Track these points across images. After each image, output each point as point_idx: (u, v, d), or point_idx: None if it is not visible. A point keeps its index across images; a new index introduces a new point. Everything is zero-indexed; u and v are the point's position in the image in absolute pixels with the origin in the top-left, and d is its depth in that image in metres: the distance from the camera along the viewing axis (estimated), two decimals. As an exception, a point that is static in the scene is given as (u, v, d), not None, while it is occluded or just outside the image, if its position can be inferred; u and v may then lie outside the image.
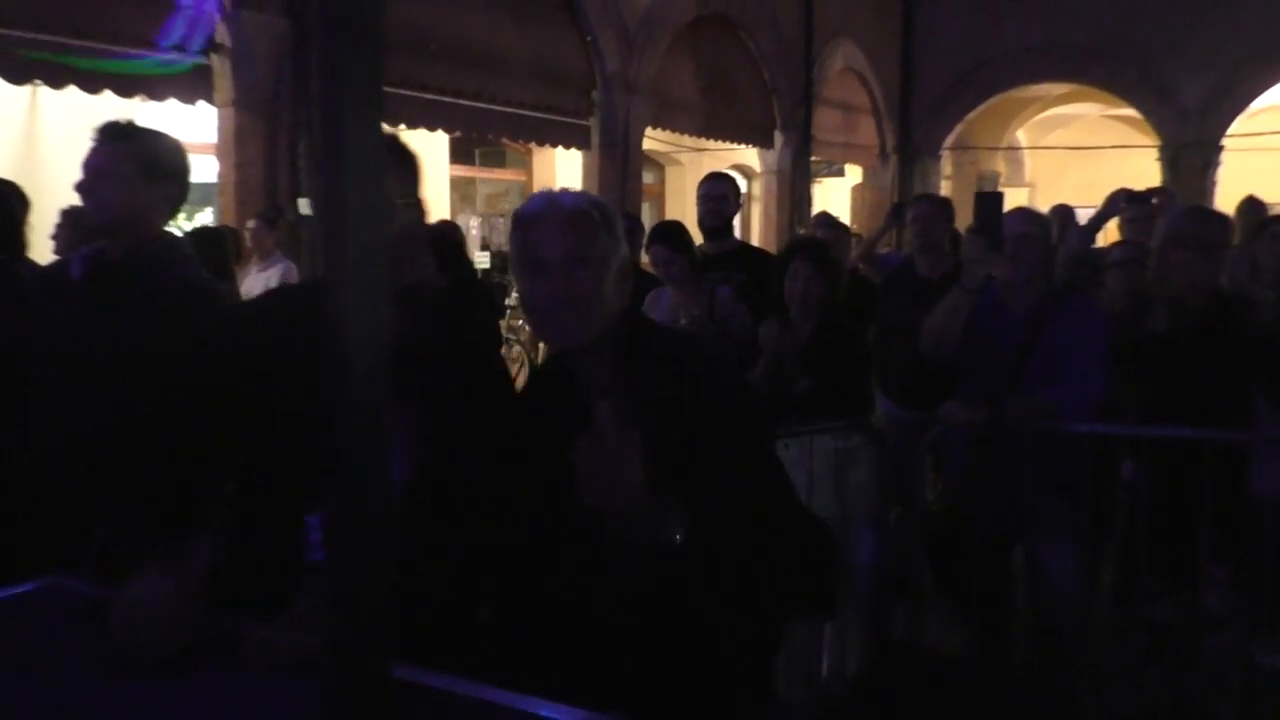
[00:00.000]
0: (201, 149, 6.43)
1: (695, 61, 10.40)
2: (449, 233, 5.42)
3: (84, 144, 2.32)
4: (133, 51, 5.71)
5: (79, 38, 5.51)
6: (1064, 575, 2.80)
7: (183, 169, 2.43)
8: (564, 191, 1.71)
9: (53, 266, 2.62)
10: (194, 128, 6.60)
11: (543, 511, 1.64)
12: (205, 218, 8.17)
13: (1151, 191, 4.20)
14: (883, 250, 6.16)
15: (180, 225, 9.33)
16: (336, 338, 0.77)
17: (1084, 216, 14.83)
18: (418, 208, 1.76)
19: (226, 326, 1.97)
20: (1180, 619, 3.13)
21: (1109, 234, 4.93)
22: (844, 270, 4.04)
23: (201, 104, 6.30)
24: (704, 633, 1.55)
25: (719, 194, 4.66)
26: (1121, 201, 4.24)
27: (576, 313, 1.58)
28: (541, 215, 1.64)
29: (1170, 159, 12.28)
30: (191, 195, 8.66)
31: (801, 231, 10.04)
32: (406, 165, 1.73)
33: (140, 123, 2.40)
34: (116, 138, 2.34)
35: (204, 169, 6.80)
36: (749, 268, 4.30)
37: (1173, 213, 3.29)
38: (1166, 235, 3.15)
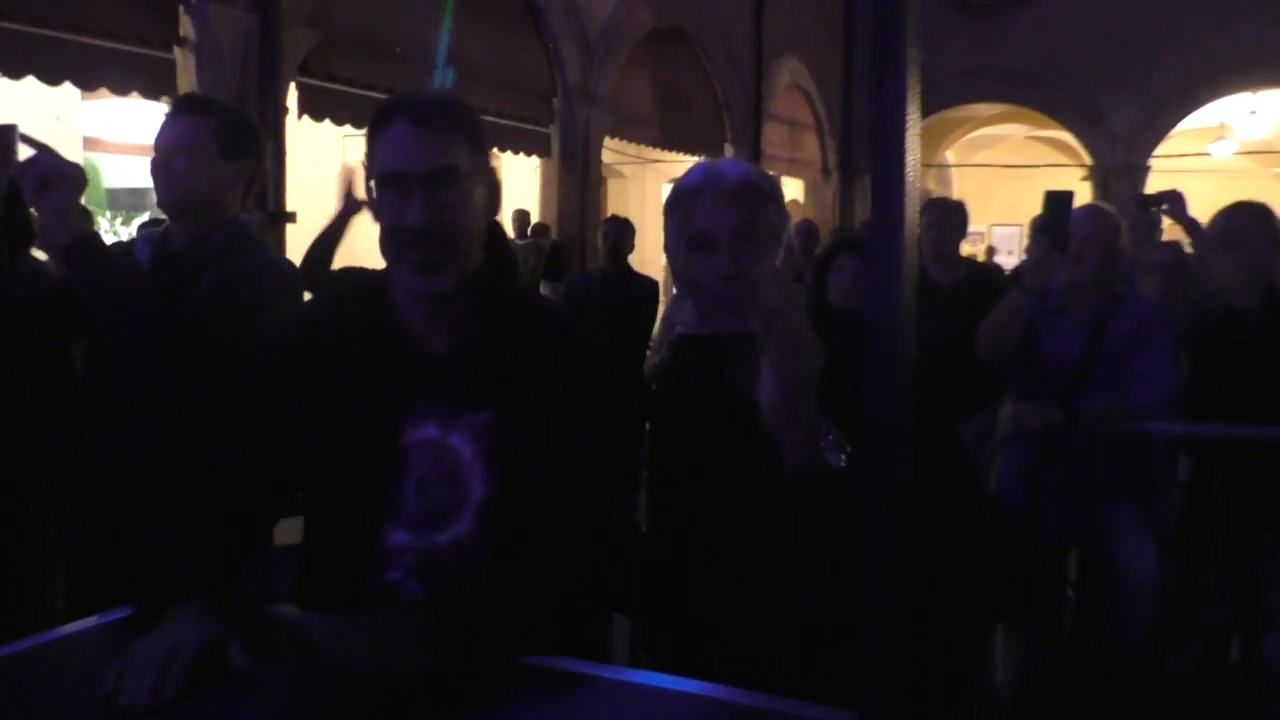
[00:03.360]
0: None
1: (652, 74, 10.38)
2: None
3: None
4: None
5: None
6: (1150, 578, 2.78)
7: (259, 146, 2.25)
8: (726, 160, 1.55)
9: (121, 248, 2.38)
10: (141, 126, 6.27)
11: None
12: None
13: (1162, 195, 4.24)
14: None
15: (117, 230, 8.88)
16: (882, 363, 0.75)
17: (1007, 235, 15.14)
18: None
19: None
20: (1238, 620, 3.14)
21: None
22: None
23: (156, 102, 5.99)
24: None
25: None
26: (1132, 205, 4.27)
27: (750, 293, 1.38)
28: (705, 187, 1.46)
29: (1101, 180, 12.74)
30: (134, 199, 8.30)
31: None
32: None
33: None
34: (193, 110, 2.14)
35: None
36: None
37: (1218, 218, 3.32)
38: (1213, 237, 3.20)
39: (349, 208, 3.19)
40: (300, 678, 1.15)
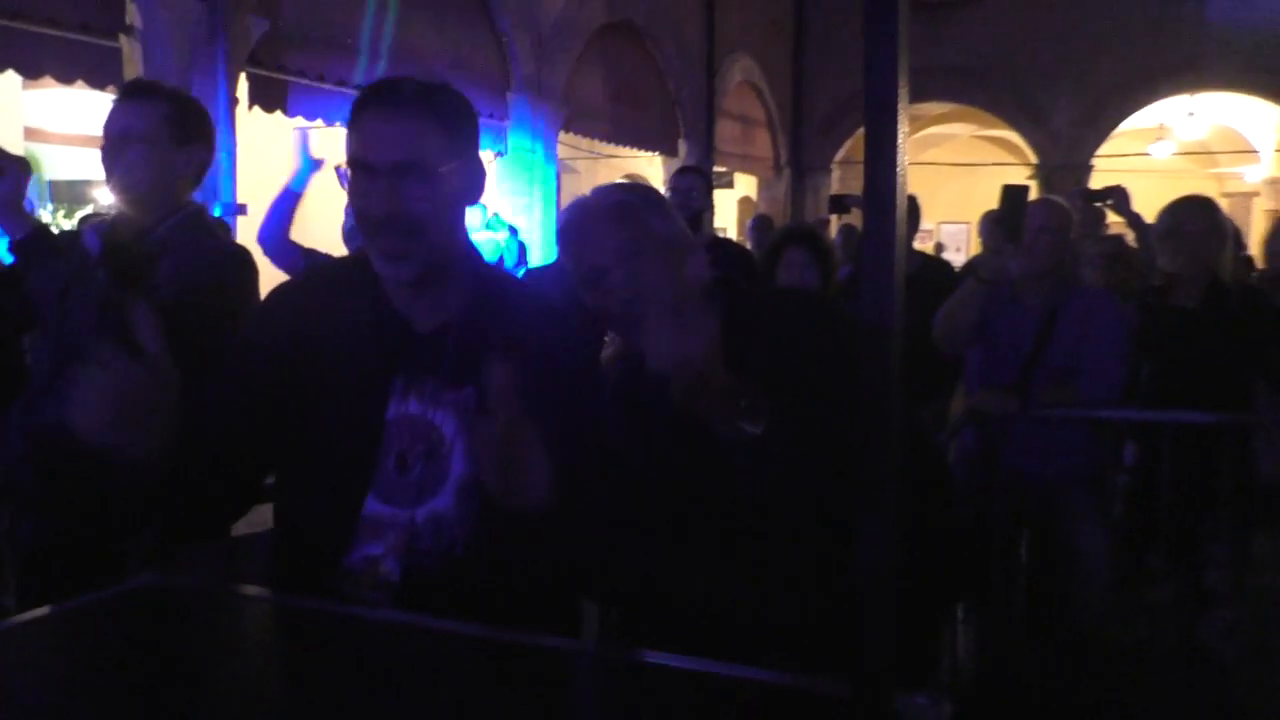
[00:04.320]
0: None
1: (604, 68, 10.37)
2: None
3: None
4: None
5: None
6: (1099, 560, 2.87)
7: (211, 133, 2.23)
8: (596, 191, 1.63)
9: (68, 238, 2.34)
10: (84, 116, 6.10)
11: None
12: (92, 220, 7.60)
13: (1107, 190, 4.36)
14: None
15: (59, 223, 8.66)
16: (875, 339, 0.79)
17: (955, 232, 15.31)
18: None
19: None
20: (1179, 599, 3.25)
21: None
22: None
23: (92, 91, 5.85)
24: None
25: (685, 187, 4.70)
26: (1078, 199, 4.39)
27: (662, 312, 1.46)
28: (585, 222, 1.54)
29: (1045, 178, 13.00)
30: (76, 191, 8.06)
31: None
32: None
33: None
34: (143, 96, 2.11)
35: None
36: (724, 262, 4.30)
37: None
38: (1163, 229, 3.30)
39: (308, 166, 3.14)
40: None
